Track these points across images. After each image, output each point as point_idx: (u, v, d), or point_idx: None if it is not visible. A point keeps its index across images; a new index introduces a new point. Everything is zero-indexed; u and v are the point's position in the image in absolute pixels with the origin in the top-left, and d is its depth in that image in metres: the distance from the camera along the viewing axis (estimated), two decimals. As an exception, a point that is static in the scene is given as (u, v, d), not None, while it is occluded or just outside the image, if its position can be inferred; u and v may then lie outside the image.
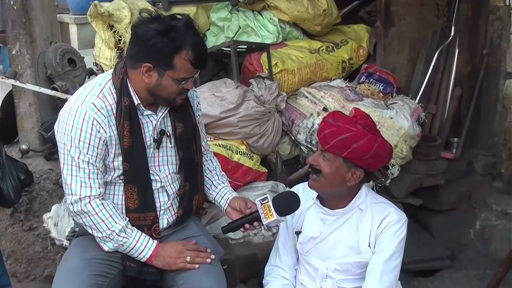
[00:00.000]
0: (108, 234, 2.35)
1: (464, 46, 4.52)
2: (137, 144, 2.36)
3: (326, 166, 2.29)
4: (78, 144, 2.28)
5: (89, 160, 2.30)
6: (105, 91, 2.34)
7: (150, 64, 2.26)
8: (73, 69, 4.00)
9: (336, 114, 2.36)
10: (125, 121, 2.32)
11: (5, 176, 3.36)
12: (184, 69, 2.27)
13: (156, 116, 2.42)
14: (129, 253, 2.39)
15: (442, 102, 4.51)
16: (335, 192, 2.36)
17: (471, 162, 4.41)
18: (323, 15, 4.29)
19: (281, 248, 2.56)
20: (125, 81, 2.35)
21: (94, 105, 2.30)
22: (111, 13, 3.76)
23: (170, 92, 2.33)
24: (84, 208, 2.32)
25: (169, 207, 2.51)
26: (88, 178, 2.31)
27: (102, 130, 2.30)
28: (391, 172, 3.82)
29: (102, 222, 2.33)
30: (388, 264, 2.32)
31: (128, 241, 2.36)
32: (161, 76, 2.28)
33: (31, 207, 3.81)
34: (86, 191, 2.31)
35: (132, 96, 2.35)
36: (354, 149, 2.24)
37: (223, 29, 4.23)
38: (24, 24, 3.87)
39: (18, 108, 3.97)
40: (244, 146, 3.58)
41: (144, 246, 2.39)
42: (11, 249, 3.90)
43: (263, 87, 3.77)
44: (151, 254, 2.39)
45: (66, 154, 2.31)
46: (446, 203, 4.19)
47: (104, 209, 2.34)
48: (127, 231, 2.37)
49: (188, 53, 2.24)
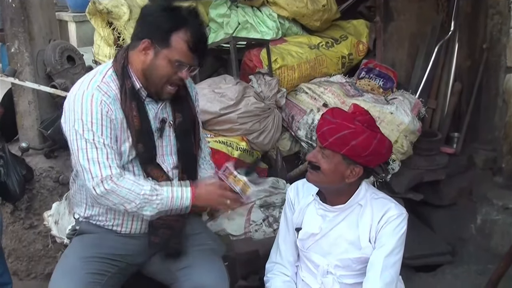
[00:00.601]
0: (141, 199, 2.26)
1: (464, 41, 4.52)
2: (146, 126, 2.35)
3: (325, 163, 2.29)
4: (91, 126, 2.24)
5: (104, 142, 2.25)
6: (108, 77, 2.33)
7: (148, 40, 2.26)
8: (72, 66, 3.99)
9: (334, 110, 2.36)
10: (132, 102, 2.31)
11: (10, 172, 3.37)
12: (180, 50, 2.26)
13: (156, 104, 2.41)
14: (172, 206, 2.31)
15: (442, 97, 4.51)
16: (334, 188, 2.36)
17: (472, 157, 4.41)
18: (323, 11, 4.29)
19: (282, 245, 2.55)
20: (126, 66, 2.34)
21: (99, 88, 2.28)
22: (110, 10, 3.76)
23: (162, 75, 2.30)
24: (107, 187, 2.24)
25: None
26: (106, 159, 2.25)
27: (110, 111, 2.27)
28: (392, 167, 3.81)
29: (129, 191, 2.25)
30: (389, 259, 2.31)
31: (163, 195, 2.29)
32: (157, 54, 2.27)
33: (31, 205, 3.81)
34: (107, 171, 2.24)
35: (134, 80, 2.34)
36: (353, 146, 2.23)
37: (222, 25, 4.22)
38: (23, 22, 3.86)
39: (18, 106, 3.97)
40: (244, 142, 3.58)
41: (180, 191, 2.32)
42: (12, 247, 3.90)
43: (263, 83, 3.77)
44: (191, 193, 2.32)
45: (80, 140, 2.25)
46: (446, 198, 4.19)
47: (126, 180, 2.27)
48: (157, 187, 2.29)
49: (187, 33, 2.24)
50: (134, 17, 3.80)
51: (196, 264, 2.43)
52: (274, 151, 3.85)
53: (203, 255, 2.47)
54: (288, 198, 2.57)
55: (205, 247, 2.52)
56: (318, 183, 2.38)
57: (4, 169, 3.35)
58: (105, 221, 2.45)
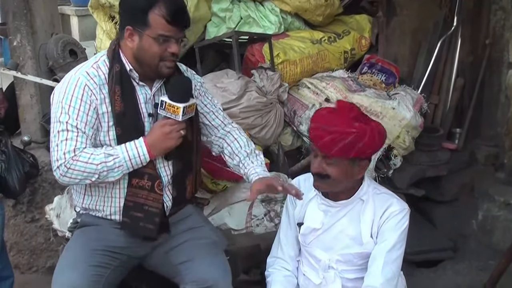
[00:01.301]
0: (100, 170, 2.29)
1: (467, 36, 4.50)
2: (130, 109, 2.36)
3: (333, 170, 2.27)
4: (68, 110, 2.28)
5: (78, 125, 2.28)
6: (100, 62, 2.39)
7: (130, 27, 2.31)
8: (75, 60, 4.00)
9: (325, 116, 2.29)
10: (116, 85, 2.33)
11: (10, 168, 3.37)
12: (159, 25, 2.27)
13: (150, 89, 2.42)
14: (133, 164, 2.33)
15: (444, 92, 4.49)
16: (345, 187, 2.35)
17: (474, 152, 4.40)
18: (325, 5, 4.28)
19: (283, 240, 2.55)
20: (117, 50, 2.38)
21: (87, 73, 2.33)
22: (112, 4, 3.75)
23: (152, 55, 2.32)
24: (67, 165, 2.26)
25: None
26: (75, 142, 2.28)
27: (93, 96, 2.31)
28: (394, 163, 3.82)
29: (87, 164, 2.27)
30: (390, 254, 2.31)
31: (119, 157, 2.31)
32: (141, 37, 2.30)
33: (33, 198, 3.82)
34: (70, 154, 2.27)
35: (124, 63, 2.37)
36: (360, 148, 2.23)
37: (224, 20, 4.21)
38: (25, 16, 3.87)
39: (20, 99, 3.98)
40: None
41: (135, 148, 2.33)
42: (13, 241, 3.92)
43: (265, 78, 3.77)
44: (147, 150, 2.33)
45: (55, 122, 2.30)
46: (448, 194, 4.19)
47: (82, 153, 2.28)
48: (111, 152, 2.31)
49: (161, 8, 2.26)
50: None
51: (198, 257, 2.43)
52: (276, 146, 3.86)
53: (205, 248, 2.47)
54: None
55: (207, 241, 2.52)
56: (330, 190, 2.37)
57: (5, 165, 3.36)
58: (102, 211, 2.46)
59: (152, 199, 2.41)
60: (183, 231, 2.54)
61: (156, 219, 2.41)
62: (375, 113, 3.78)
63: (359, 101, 3.82)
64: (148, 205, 2.41)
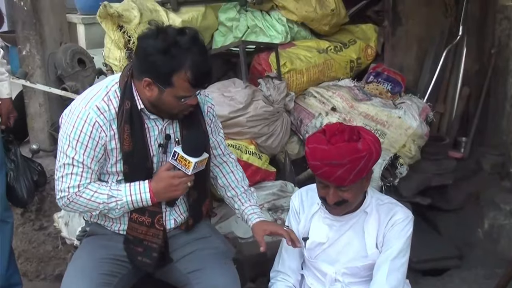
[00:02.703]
0: (102, 208, 2.34)
1: (472, 46, 4.52)
2: (139, 147, 2.34)
3: (350, 194, 2.25)
4: (75, 145, 2.28)
5: (84, 161, 2.29)
6: (111, 94, 2.33)
7: (150, 79, 2.24)
8: (83, 69, 4.03)
9: (324, 151, 2.19)
10: (126, 124, 2.30)
11: (19, 177, 3.40)
12: (183, 88, 2.23)
13: (162, 121, 2.40)
14: (134, 206, 2.37)
15: (450, 101, 4.51)
16: (357, 202, 2.36)
17: (480, 161, 4.40)
18: (331, 15, 4.30)
19: (284, 254, 2.55)
20: (130, 84, 2.32)
21: (97, 107, 2.28)
22: (121, 14, 3.77)
23: (171, 107, 2.30)
24: (70, 199, 2.32)
25: (174, 208, 2.50)
26: (79, 178, 2.31)
27: (103, 133, 2.29)
28: (400, 171, 3.81)
29: (89, 201, 2.33)
30: (395, 262, 2.31)
31: (122, 200, 2.34)
32: (162, 92, 2.25)
33: (41, 206, 3.84)
34: (74, 190, 2.31)
35: (136, 100, 2.32)
36: (371, 165, 2.24)
37: (231, 29, 4.24)
38: (34, 25, 3.91)
39: (28, 108, 4.01)
40: (253, 145, 3.59)
41: (139, 193, 2.35)
42: (22, 249, 3.93)
43: (272, 87, 3.78)
44: (150, 196, 2.36)
45: (62, 153, 2.32)
46: (454, 203, 4.19)
47: (86, 190, 2.33)
48: (114, 194, 2.34)
49: (187, 74, 2.19)
50: (145, 20, 3.82)
51: (208, 266, 2.44)
52: (283, 155, 3.86)
53: (214, 258, 2.49)
54: (293, 207, 2.55)
55: (216, 250, 2.53)
56: (348, 210, 2.36)
57: (14, 174, 3.38)
58: (109, 227, 2.49)
59: (152, 235, 2.43)
60: (193, 240, 2.55)
61: (155, 254, 2.42)
62: (381, 122, 3.80)
63: (365, 110, 3.84)
64: (148, 240, 2.43)
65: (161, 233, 2.43)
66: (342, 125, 2.28)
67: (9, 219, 3.27)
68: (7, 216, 3.26)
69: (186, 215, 2.55)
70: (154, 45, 2.18)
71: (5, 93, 3.29)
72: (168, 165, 2.37)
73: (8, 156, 3.41)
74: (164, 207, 2.46)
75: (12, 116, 3.44)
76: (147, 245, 2.42)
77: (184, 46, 2.18)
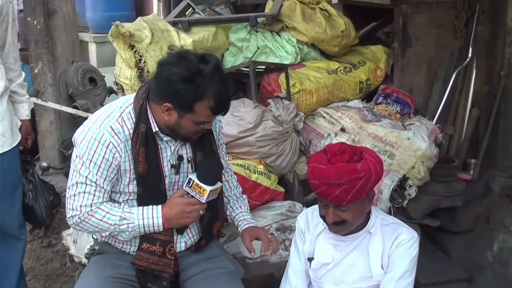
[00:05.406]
0: (112, 230, 2.35)
1: (482, 67, 4.51)
2: (153, 169, 2.36)
3: (349, 215, 2.27)
4: (89, 165, 2.29)
5: (97, 181, 2.30)
6: (125, 115, 2.34)
7: (170, 105, 2.26)
8: (94, 87, 4.07)
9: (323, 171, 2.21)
10: (141, 147, 2.31)
11: (37, 197, 3.43)
12: (204, 114, 2.26)
13: (175, 142, 2.42)
14: (145, 231, 2.38)
15: (459, 123, 4.49)
16: (359, 223, 2.36)
17: (489, 183, 4.37)
18: (341, 36, 4.33)
19: (290, 274, 2.56)
20: (145, 107, 2.34)
21: (112, 128, 2.30)
22: (132, 33, 3.81)
23: (188, 132, 2.34)
24: (82, 218, 2.33)
25: (186, 230, 2.52)
26: (92, 197, 2.32)
27: (117, 154, 2.30)
28: (408, 193, 3.80)
29: (100, 222, 2.33)
30: (400, 282, 2.30)
31: (134, 223, 2.35)
32: (181, 117, 2.27)
33: (50, 224, 3.85)
34: (86, 209, 2.32)
35: (151, 123, 2.33)
36: (371, 187, 2.24)
37: (241, 49, 4.27)
38: (47, 44, 3.95)
39: (39, 126, 4.04)
40: (262, 165, 3.60)
41: (151, 218, 2.37)
42: (29, 266, 3.94)
43: (281, 107, 3.80)
44: (162, 221, 2.37)
45: (75, 172, 2.32)
46: (463, 225, 4.16)
47: (98, 210, 2.34)
48: (127, 216, 2.35)
49: (210, 101, 2.23)
50: (156, 40, 3.86)
51: (217, 286, 2.45)
52: (291, 175, 3.87)
53: (223, 277, 2.49)
54: (298, 228, 2.56)
55: (225, 270, 2.54)
56: (348, 230, 2.36)
57: (33, 194, 3.41)
58: (120, 247, 2.51)
59: (163, 264, 2.44)
60: (202, 260, 2.56)
61: (165, 283, 2.44)
62: (390, 143, 3.80)
63: (374, 131, 3.84)
64: (159, 270, 2.44)
65: (172, 262, 2.44)
66: (344, 145, 2.29)
67: (22, 236, 3.28)
68: (21, 233, 3.26)
69: (197, 238, 2.56)
70: (178, 73, 2.20)
71: (25, 114, 3.32)
72: (181, 192, 2.39)
73: (26, 177, 3.43)
74: (175, 234, 2.48)
75: (30, 138, 3.46)
76: (157, 274, 2.43)
77: (208, 75, 2.21)
